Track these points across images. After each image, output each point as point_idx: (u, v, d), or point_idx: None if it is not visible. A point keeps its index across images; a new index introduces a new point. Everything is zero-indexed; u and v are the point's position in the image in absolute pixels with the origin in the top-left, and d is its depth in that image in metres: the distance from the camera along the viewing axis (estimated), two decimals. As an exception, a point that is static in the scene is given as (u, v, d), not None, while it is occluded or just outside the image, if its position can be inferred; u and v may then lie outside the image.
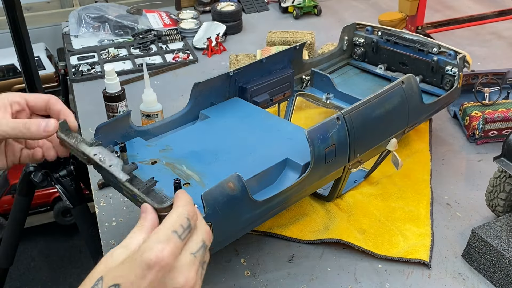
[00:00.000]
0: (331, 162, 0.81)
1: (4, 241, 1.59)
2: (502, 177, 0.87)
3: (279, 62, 1.07)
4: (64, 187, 1.42)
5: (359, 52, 1.25)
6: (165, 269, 0.51)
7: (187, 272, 0.52)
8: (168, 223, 0.54)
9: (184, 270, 0.52)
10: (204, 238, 0.56)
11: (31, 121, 0.72)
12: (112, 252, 0.54)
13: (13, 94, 0.75)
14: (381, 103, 0.87)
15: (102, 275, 0.51)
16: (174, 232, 0.53)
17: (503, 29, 1.64)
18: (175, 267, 0.52)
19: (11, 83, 2.06)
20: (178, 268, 0.52)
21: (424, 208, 0.94)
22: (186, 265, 0.53)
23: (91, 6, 1.72)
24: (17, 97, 0.75)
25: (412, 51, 1.15)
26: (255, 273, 0.84)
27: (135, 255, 0.51)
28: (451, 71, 1.09)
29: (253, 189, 0.79)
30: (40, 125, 0.71)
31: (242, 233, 0.76)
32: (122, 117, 0.84)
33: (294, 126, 0.93)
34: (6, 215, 2.16)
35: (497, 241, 0.80)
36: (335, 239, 0.87)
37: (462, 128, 1.16)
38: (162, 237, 0.52)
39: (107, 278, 0.51)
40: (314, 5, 1.80)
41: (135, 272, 0.50)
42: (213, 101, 0.98)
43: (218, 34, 1.59)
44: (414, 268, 0.84)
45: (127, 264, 0.51)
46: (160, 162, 0.81)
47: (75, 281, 2.19)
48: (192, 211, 0.56)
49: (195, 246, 0.55)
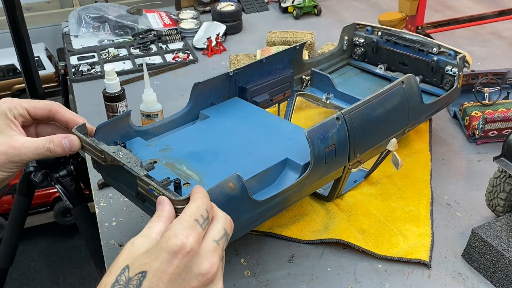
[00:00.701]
0: (331, 162, 0.81)
1: (4, 241, 1.59)
2: (502, 177, 0.87)
3: (279, 62, 1.07)
4: (64, 187, 1.42)
5: (359, 52, 1.25)
6: (190, 255, 0.52)
7: (211, 258, 0.54)
8: (189, 212, 0.56)
9: (209, 256, 0.54)
10: (226, 227, 0.58)
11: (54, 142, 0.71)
12: (133, 241, 0.55)
13: (14, 105, 0.72)
14: (381, 103, 0.87)
15: (127, 264, 0.52)
16: (196, 220, 0.55)
17: (503, 29, 1.64)
18: (199, 253, 0.53)
19: (11, 83, 2.06)
20: (202, 254, 0.54)
21: (424, 208, 0.94)
22: (210, 251, 0.54)
23: (91, 6, 1.72)
24: (18, 109, 0.73)
25: (412, 51, 1.15)
26: (255, 273, 0.84)
27: (160, 242, 0.53)
28: (451, 71, 1.09)
29: (253, 189, 0.79)
30: (65, 147, 0.72)
31: (242, 233, 0.76)
32: (122, 117, 0.84)
33: (294, 126, 0.93)
34: (6, 215, 2.16)
35: (497, 241, 0.80)
36: (335, 239, 0.87)
37: (462, 128, 1.16)
38: (186, 224, 0.54)
39: (133, 266, 0.52)
40: (314, 5, 1.80)
41: (161, 258, 0.51)
42: (213, 101, 0.98)
43: (218, 34, 1.59)
44: (414, 268, 0.84)
45: (152, 252, 0.52)
46: (160, 162, 0.81)
47: (75, 281, 2.19)
48: (209, 204, 0.58)
49: (217, 234, 0.56)
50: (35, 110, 0.74)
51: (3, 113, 0.71)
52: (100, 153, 0.74)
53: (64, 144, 0.72)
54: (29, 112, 0.74)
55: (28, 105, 0.74)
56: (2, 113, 0.71)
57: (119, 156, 0.71)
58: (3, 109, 0.71)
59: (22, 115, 0.73)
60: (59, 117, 0.75)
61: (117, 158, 0.71)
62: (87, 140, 0.75)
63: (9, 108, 0.72)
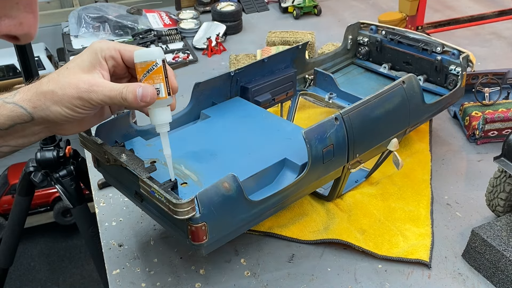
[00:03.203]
0: (329, 163, 0.81)
1: (4, 241, 1.59)
2: (502, 177, 0.87)
3: (282, 62, 1.07)
4: (64, 187, 1.42)
5: (363, 51, 1.25)
6: None
7: None
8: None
9: None
10: None
11: (128, 89, 0.64)
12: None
13: (107, 46, 0.66)
14: (381, 103, 0.87)
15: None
16: None
17: (503, 29, 1.64)
18: None
19: (11, 83, 2.06)
20: None
21: (424, 208, 0.94)
22: None
23: (91, 6, 1.72)
24: (112, 51, 0.67)
25: (416, 50, 1.14)
26: (255, 273, 0.84)
27: None
28: (455, 70, 1.08)
29: (251, 189, 0.79)
30: (138, 94, 0.64)
31: (238, 233, 0.76)
32: (123, 117, 0.84)
33: (294, 126, 0.93)
34: (6, 215, 2.16)
35: (497, 241, 0.80)
36: (335, 239, 0.87)
37: (462, 128, 1.16)
38: None
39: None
40: (314, 5, 1.80)
41: None
42: (214, 101, 0.98)
43: (218, 34, 1.59)
44: (414, 268, 0.84)
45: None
46: (159, 161, 0.81)
47: (75, 281, 2.19)
48: None
49: None
50: (129, 53, 0.68)
51: (94, 51, 0.66)
52: (103, 154, 0.74)
53: (138, 92, 0.64)
54: (122, 54, 0.68)
55: (122, 47, 0.68)
56: (92, 51, 0.66)
57: (122, 158, 0.71)
58: (94, 48, 0.66)
59: (113, 57, 0.67)
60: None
61: (120, 159, 0.71)
62: (91, 139, 0.75)
63: (101, 48, 0.66)
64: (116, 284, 0.82)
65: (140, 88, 0.65)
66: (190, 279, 0.83)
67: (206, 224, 0.67)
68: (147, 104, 0.66)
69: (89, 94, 0.63)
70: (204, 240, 0.69)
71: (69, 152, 1.43)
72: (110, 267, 0.85)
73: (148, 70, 0.65)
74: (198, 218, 0.67)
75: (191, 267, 0.85)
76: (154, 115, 0.68)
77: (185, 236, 0.70)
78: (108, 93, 0.64)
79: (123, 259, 0.86)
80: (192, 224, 0.67)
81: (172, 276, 0.83)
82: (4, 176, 2.19)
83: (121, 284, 0.82)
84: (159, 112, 0.68)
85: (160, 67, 0.66)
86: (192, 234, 0.68)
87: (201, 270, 0.84)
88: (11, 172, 2.18)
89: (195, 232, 0.68)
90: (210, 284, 0.82)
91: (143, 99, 0.65)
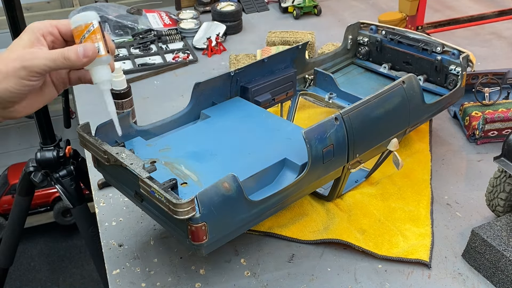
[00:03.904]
0: (329, 163, 0.81)
1: (4, 241, 1.59)
2: (502, 177, 0.87)
3: (282, 62, 1.07)
4: (64, 187, 1.42)
5: (363, 51, 1.25)
6: None
7: None
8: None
9: None
10: None
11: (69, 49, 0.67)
12: None
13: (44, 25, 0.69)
14: (381, 103, 0.87)
15: None
16: None
17: (503, 29, 1.64)
18: None
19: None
20: None
21: (424, 208, 0.94)
22: None
23: (91, 6, 1.72)
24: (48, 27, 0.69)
25: (416, 50, 1.14)
26: (255, 273, 0.84)
27: None
28: (455, 70, 1.08)
29: (251, 189, 0.79)
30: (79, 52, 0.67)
31: (238, 233, 0.76)
32: (122, 117, 0.84)
33: (294, 126, 0.93)
34: (6, 215, 2.16)
35: (497, 241, 0.80)
36: (335, 239, 0.87)
37: (462, 128, 1.16)
38: None
39: None
40: (314, 5, 1.80)
41: None
42: (214, 101, 0.98)
43: (218, 34, 1.59)
44: (414, 268, 0.84)
45: None
46: (159, 161, 0.81)
47: (75, 281, 2.20)
48: None
49: None
50: (65, 26, 0.70)
51: (31, 30, 0.68)
52: (103, 154, 0.74)
53: (79, 50, 0.67)
54: (59, 29, 0.70)
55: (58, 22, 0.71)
56: (30, 31, 0.68)
57: (122, 158, 0.71)
58: (31, 27, 0.69)
59: (51, 32, 0.70)
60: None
61: (120, 159, 0.71)
62: (90, 139, 0.75)
63: (38, 27, 0.69)
64: (116, 284, 0.82)
65: (80, 47, 0.68)
66: (190, 279, 0.83)
67: (206, 224, 0.67)
68: (89, 60, 0.68)
69: (32, 61, 0.65)
70: (204, 240, 0.69)
71: (69, 152, 1.43)
72: (110, 267, 0.85)
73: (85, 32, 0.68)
74: (198, 218, 0.67)
75: (191, 267, 0.85)
76: (96, 72, 0.70)
77: (185, 236, 0.70)
78: (50, 56, 0.66)
79: (123, 259, 0.86)
80: (192, 224, 0.67)
81: (172, 276, 0.83)
82: (4, 176, 2.20)
83: (121, 284, 0.82)
84: (101, 69, 0.70)
85: (97, 27, 0.68)
86: (192, 234, 0.68)
87: (201, 270, 0.84)
88: (11, 172, 2.18)
89: (195, 232, 0.68)
90: (210, 284, 0.82)
91: (85, 55, 0.67)
